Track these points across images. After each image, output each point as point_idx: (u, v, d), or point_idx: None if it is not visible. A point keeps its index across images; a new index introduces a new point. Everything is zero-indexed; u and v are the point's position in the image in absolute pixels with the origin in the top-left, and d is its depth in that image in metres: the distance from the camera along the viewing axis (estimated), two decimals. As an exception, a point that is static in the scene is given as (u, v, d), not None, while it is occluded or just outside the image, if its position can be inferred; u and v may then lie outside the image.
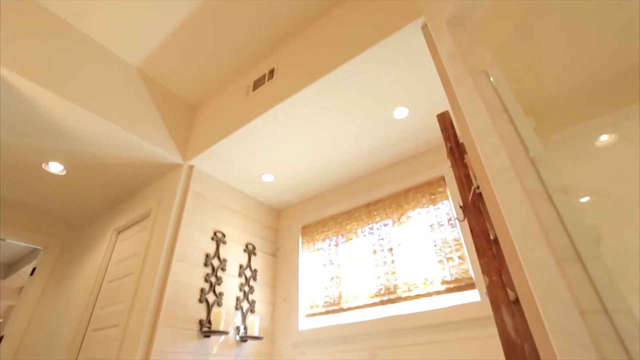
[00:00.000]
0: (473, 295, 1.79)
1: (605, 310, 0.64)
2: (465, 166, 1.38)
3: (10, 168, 2.49)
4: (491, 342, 1.64)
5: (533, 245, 0.74)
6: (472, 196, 1.26)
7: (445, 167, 2.21)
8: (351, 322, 2.10)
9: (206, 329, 2.01)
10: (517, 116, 0.99)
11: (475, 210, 1.24)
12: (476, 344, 1.67)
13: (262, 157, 2.38)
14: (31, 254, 4.60)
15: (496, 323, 1.03)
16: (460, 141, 1.45)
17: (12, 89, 1.82)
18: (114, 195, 2.87)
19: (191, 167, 2.44)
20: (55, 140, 2.20)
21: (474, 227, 1.19)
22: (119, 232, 2.81)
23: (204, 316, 2.08)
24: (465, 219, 1.26)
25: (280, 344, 2.42)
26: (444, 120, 1.57)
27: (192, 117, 2.71)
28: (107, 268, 2.64)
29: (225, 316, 2.21)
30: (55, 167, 2.49)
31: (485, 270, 1.11)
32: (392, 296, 2.03)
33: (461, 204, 1.31)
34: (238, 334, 2.24)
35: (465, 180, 1.34)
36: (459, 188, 1.35)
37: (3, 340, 2.78)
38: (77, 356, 2.31)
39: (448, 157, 1.51)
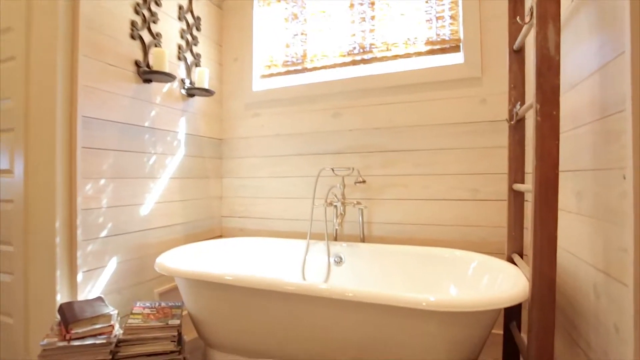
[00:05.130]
0: (456, 58, 1.69)
1: None
2: None
3: None
4: (469, 101, 1.65)
5: None
6: None
7: None
8: (316, 81, 1.94)
9: (145, 70, 1.65)
10: None
11: None
12: (452, 104, 1.68)
13: None
14: None
15: (537, 40, 0.91)
16: None
17: None
18: None
19: None
20: None
21: None
22: None
23: (140, 57, 1.69)
24: None
25: (231, 105, 2.23)
26: None
27: None
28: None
29: (168, 64, 1.84)
30: None
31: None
32: (366, 56, 1.85)
33: None
34: (184, 87, 1.95)
35: None
36: None
37: None
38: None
39: None
